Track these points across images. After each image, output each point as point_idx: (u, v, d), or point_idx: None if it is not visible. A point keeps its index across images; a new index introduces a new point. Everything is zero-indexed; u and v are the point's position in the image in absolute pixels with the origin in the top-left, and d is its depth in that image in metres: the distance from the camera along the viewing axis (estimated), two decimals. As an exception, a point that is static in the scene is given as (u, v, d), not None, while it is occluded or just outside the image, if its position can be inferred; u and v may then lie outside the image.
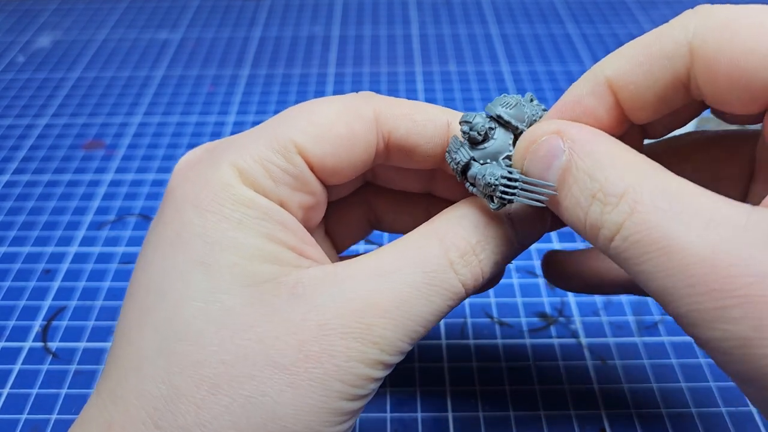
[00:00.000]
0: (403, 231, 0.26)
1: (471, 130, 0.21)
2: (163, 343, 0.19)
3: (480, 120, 0.21)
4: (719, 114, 0.21)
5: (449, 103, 0.53)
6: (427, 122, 0.23)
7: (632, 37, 0.63)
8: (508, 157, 0.21)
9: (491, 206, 0.20)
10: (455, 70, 0.58)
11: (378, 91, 0.55)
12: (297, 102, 0.54)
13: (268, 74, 0.58)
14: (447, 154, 0.22)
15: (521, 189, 0.20)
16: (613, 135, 0.20)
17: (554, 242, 0.40)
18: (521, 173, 0.20)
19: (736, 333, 0.15)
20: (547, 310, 0.36)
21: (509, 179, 0.20)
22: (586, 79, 0.20)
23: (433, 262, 0.20)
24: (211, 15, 0.68)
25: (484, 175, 0.20)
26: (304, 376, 0.19)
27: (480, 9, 0.68)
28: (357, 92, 0.24)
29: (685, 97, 0.19)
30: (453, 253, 0.21)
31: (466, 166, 0.21)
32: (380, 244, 0.39)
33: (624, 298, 0.36)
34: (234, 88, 0.56)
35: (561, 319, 0.35)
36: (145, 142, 0.50)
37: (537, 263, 0.39)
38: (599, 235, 0.18)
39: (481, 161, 0.21)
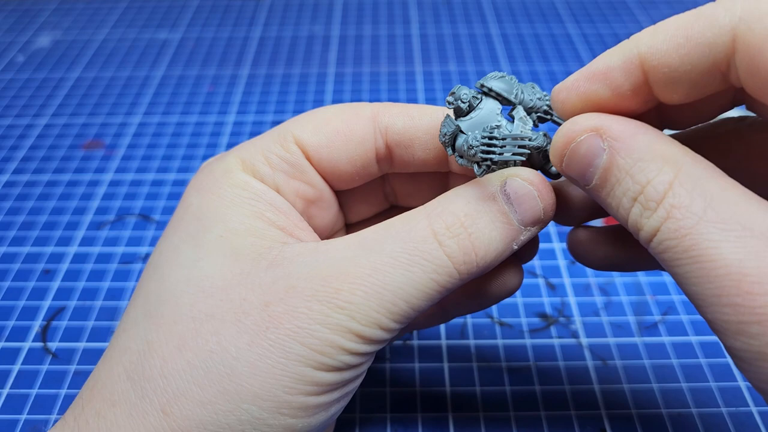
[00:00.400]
0: None
1: (456, 100, 0.21)
2: (149, 306, 0.21)
3: (464, 90, 0.21)
4: (757, 110, 0.20)
5: (449, 102, 0.53)
6: (422, 115, 0.24)
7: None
8: (496, 128, 0.20)
9: (477, 172, 0.20)
10: (455, 70, 0.58)
11: (378, 91, 0.55)
12: (296, 102, 0.54)
13: (267, 74, 0.58)
14: (439, 132, 0.22)
15: (501, 148, 0.19)
16: (635, 112, 0.19)
17: (554, 242, 0.40)
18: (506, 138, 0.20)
19: (753, 347, 0.16)
20: (548, 310, 0.36)
21: (489, 137, 0.20)
22: (619, 51, 0.19)
23: (416, 233, 0.20)
24: (211, 15, 0.68)
25: (467, 140, 0.20)
26: (264, 335, 0.19)
27: (480, 9, 0.68)
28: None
29: (722, 83, 0.18)
30: (438, 224, 0.20)
31: (454, 138, 0.21)
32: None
33: (624, 299, 0.36)
34: (234, 87, 0.56)
35: (561, 319, 0.35)
36: (145, 142, 0.49)
37: (538, 263, 0.39)
38: (639, 236, 0.18)
39: (469, 133, 0.20)
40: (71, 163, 0.48)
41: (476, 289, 0.25)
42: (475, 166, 0.20)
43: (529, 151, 0.20)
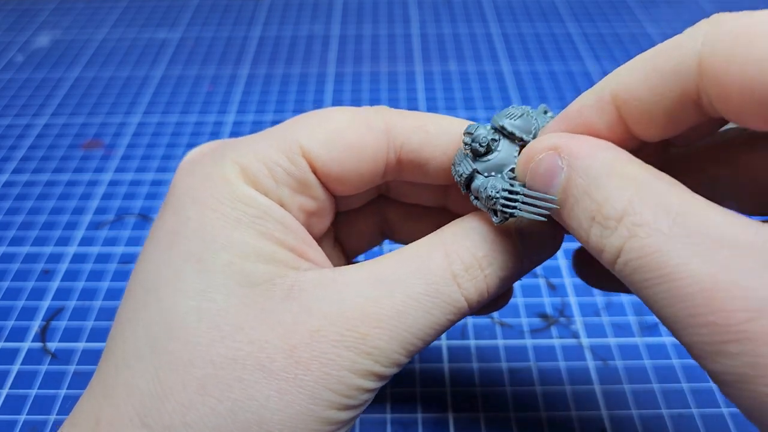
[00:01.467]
0: None
1: (473, 141, 0.20)
2: (155, 339, 0.19)
3: (482, 131, 0.20)
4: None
5: (450, 102, 0.53)
6: (440, 134, 0.22)
7: (633, 36, 0.63)
8: (513, 170, 0.20)
9: (494, 220, 0.20)
10: (456, 70, 0.57)
11: (378, 90, 0.54)
12: (296, 101, 0.53)
13: (267, 74, 0.58)
14: (452, 167, 0.21)
15: (522, 202, 0.19)
16: (627, 148, 0.19)
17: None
18: (524, 186, 0.19)
19: (734, 368, 0.15)
20: (548, 310, 0.36)
21: (510, 192, 0.19)
22: (592, 91, 0.19)
23: (436, 274, 0.20)
24: (211, 14, 0.68)
25: (485, 188, 0.20)
26: (293, 382, 0.18)
27: (481, 8, 0.68)
28: (371, 106, 0.23)
29: (698, 114, 0.17)
30: (457, 265, 0.20)
31: (470, 179, 0.20)
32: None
33: (625, 299, 0.36)
34: (233, 87, 0.56)
35: (562, 319, 0.35)
36: (144, 142, 0.49)
37: (538, 263, 0.39)
38: (602, 258, 0.17)
39: (485, 174, 0.20)
40: (70, 162, 0.47)
41: None
42: (492, 214, 0.20)
43: (549, 212, 0.19)
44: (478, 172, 0.20)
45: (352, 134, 0.22)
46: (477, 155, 0.20)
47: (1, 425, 0.30)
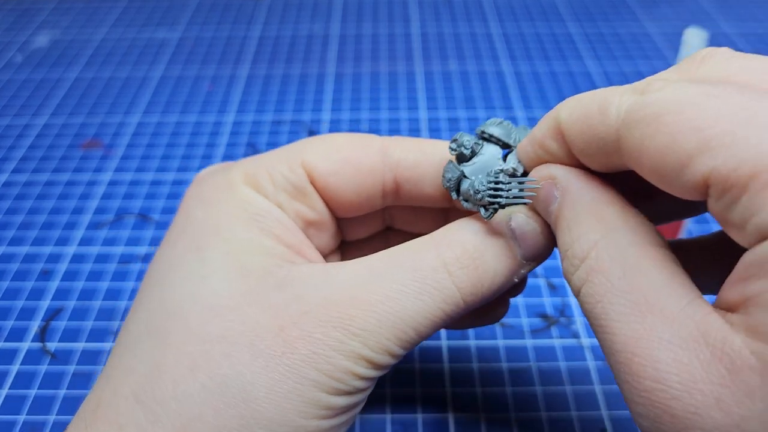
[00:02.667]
0: None
1: (459, 146, 0.22)
2: (153, 323, 0.20)
3: (467, 137, 0.22)
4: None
5: (450, 102, 0.53)
6: (435, 152, 0.24)
7: (634, 36, 0.63)
8: (497, 172, 0.21)
9: (484, 215, 0.21)
10: (456, 70, 0.57)
11: (378, 90, 0.54)
12: (296, 101, 0.53)
13: (267, 74, 0.57)
14: (442, 178, 0.22)
15: (507, 192, 0.20)
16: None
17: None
18: (510, 178, 0.21)
19: (643, 427, 0.16)
20: (549, 310, 0.36)
21: (496, 182, 0.20)
22: (545, 125, 0.20)
23: (426, 263, 0.20)
24: (210, 14, 0.68)
25: (473, 185, 0.21)
26: (279, 360, 0.19)
27: (481, 7, 0.68)
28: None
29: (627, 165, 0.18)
30: (448, 255, 0.20)
31: (458, 183, 0.22)
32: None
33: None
34: (233, 87, 0.56)
35: (562, 319, 0.35)
36: (144, 142, 0.49)
37: (538, 263, 0.38)
38: (571, 289, 0.19)
39: (472, 177, 0.21)
40: (70, 162, 0.47)
41: (464, 318, 0.25)
42: (482, 210, 0.21)
43: (535, 194, 0.20)
44: (465, 176, 0.21)
45: (350, 150, 0.24)
46: (463, 160, 0.22)
47: (1, 425, 0.30)
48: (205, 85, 0.56)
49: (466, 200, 0.21)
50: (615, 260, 0.17)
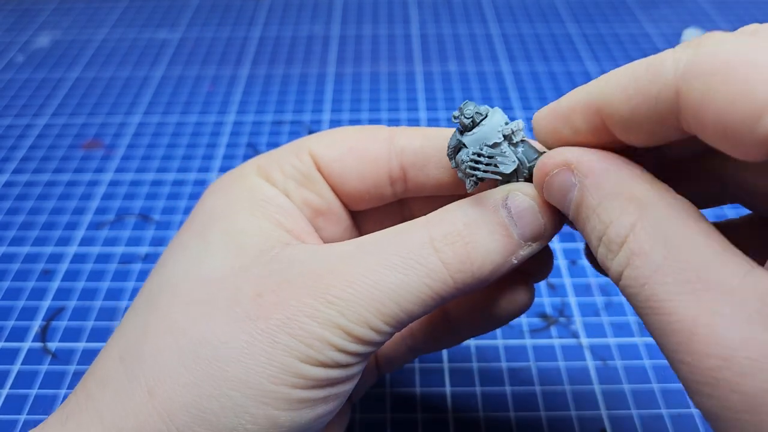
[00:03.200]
0: None
1: (460, 115, 0.21)
2: (150, 296, 0.22)
3: (471, 107, 0.21)
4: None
5: (450, 102, 0.53)
6: (439, 136, 0.24)
7: (633, 36, 0.63)
8: (494, 145, 0.21)
9: (467, 186, 0.21)
10: (455, 70, 0.58)
11: (378, 90, 0.55)
12: (296, 102, 0.54)
13: (267, 74, 0.58)
14: (446, 148, 0.22)
15: (486, 164, 0.20)
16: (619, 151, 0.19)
17: (554, 242, 0.40)
18: (499, 148, 0.21)
19: (707, 408, 0.15)
20: (548, 310, 0.36)
21: (478, 154, 0.20)
22: (579, 95, 0.19)
23: (413, 240, 0.20)
24: (211, 14, 0.68)
25: (461, 157, 0.21)
26: (253, 324, 0.19)
27: (480, 8, 0.68)
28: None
29: (679, 132, 0.17)
30: (436, 232, 0.20)
31: (456, 151, 0.21)
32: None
33: (625, 299, 0.36)
34: (233, 87, 0.56)
35: (561, 319, 0.35)
36: (145, 142, 0.49)
37: (537, 263, 0.39)
38: (609, 275, 0.18)
39: (470, 147, 0.21)
40: (70, 163, 0.47)
41: (484, 307, 0.25)
42: (467, 181, 0.21)
43: (499, 177, 0.21)
44: (464, 145, 0.21)
45: (354, 139, 0.24)
46: (464, 129, 0.21)
47: (2, 425, 0.30)
48: (205, 86, 0.56)
49: (461, 171, 0.21)
50: (657, 239, 0.16)
